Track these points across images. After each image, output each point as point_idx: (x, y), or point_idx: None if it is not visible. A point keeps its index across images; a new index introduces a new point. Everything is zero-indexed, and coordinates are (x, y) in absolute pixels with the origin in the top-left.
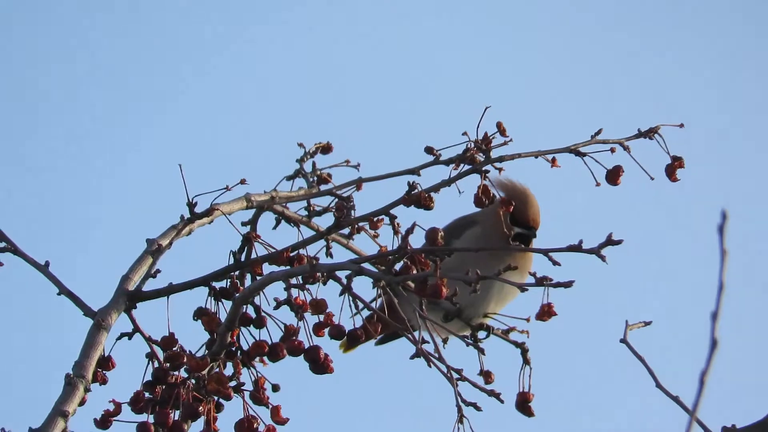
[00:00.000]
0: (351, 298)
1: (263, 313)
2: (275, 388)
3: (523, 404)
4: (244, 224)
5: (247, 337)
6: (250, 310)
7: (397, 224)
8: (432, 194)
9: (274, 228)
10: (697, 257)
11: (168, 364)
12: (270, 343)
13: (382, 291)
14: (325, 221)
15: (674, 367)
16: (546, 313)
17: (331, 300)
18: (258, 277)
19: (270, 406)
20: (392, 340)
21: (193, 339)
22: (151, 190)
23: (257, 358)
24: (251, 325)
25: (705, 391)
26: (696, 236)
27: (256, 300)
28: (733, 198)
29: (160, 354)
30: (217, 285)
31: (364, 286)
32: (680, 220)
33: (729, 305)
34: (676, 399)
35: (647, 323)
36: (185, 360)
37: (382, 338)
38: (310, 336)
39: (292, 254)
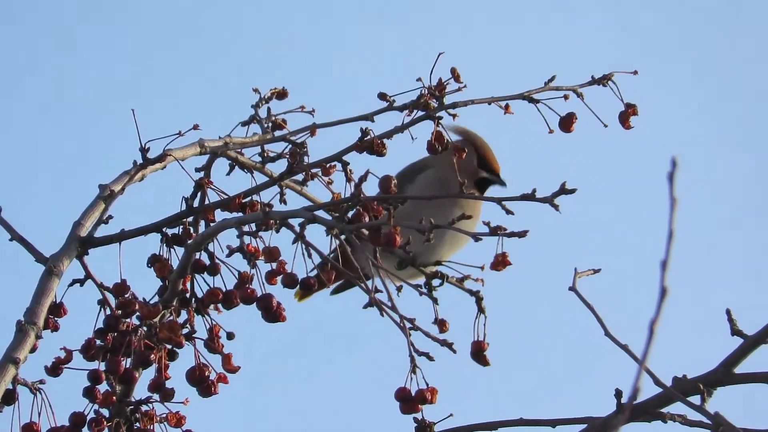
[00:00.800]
0: (304, 246)
1: (217, 260)
2: (230, 335)
3: (478, 353)
4: (197, 170)
5: (201, 285)
6: (204, 258)
7: (350, 171)
8: (385, 141)
9: (228, 174)
10: (648, 205)
11: (120, 312)
12: (224, 290)
13: (336, 239)
14: (280, 167)
15: (623, 315)
16: (501, 262)
17: (284, 248)
18: (211, 224)
19: (222, 355)
20: (348, 289)
21: (146, 286)
22: (103, 135)
23: (211, 306)
24: (205, 273)
25: (654, 339)
26: (647, 184)
27: (210, 247)
28: (684, 145)
29: (112, 301)
30: (170, 231)
31: (317, 234)
32: (632, 168)
33: (678, 253)
34: (625, 348)
35: (596, 271)
36: (137, 307)
37: (338, 287)
38: (263, 284)
39: (244, 200)
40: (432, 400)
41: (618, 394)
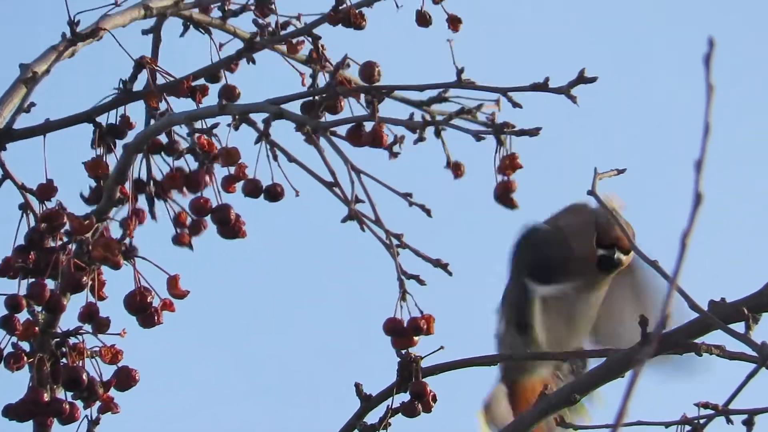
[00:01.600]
0: (269, 147)
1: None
2: (153, 214)
3: (505, 195)
4: (144, 33)
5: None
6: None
7: (322, 47)
8: (363, 10)
9: (182, 35)
10: (678, 95)
11: (44, 225)
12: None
13: (308, 138)
14: (244, 22)
15: (652, 225)
16: (509, 166)
17: (245, 149)
18: (155, 112)
19: (167, 277)
20: None
21: (75, 192)
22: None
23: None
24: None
25: (687, 254)
26: (679, 70)
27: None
28: (722, 25)
29: (37, 207)
30: (105, 122)
31: (285, 131)
32: (660, 52)
33: (716, 151)
34: (653, 264)
35: (620, 171)
36: (66, 220)
37: None
38: (219, 192)
39: (194, 84)
40: (429, 330)
41: (643, 321)
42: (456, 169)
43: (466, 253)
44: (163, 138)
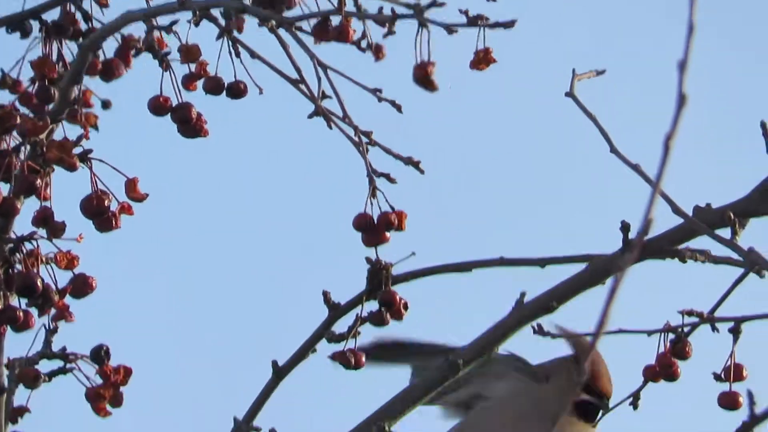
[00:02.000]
0: (231, 44)
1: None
2: (105, 104)
3: (424, 78)
4: None
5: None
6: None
7: None
8: None
9: None
10: None
11: None
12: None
13: (272, 34)
14: None
15: (634, 129)
16: (483, 60)
17: (206, 46)
18: (102, 9)
19: (125, 179)
20: None
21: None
22: None
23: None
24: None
25: (671, 157)
26: None
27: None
28: None
29: None
30: (50, 19)
31: (248, 28)
32: None
33: (701, 51)
34: (635, 167)
35: (600, 72)
36: (18, 121)
37: None
38: (179, 90)
39: None
40: (401, 226)
41: (625, 227)
42: (377, 51)
43: (439, 151)
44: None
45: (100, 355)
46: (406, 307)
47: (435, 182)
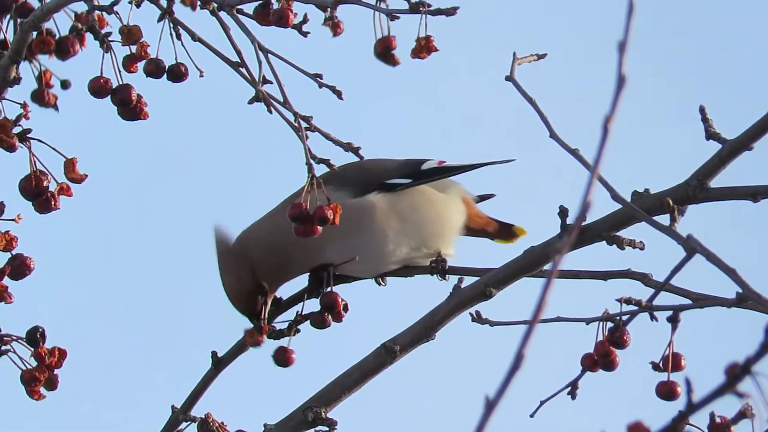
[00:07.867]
0: (172, 25)
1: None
2: (65, 83)
3: (386, 52)
4: None
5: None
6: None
7: None
8: None
9: None
10: None
11: None
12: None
13: (213, 16)
14: None
15: (573, 113)
16: (424, 47)
17: (148, 28)
18: None
19: (64, 159)
20: None
21: None
22: None
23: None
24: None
25: (610, 140)
26: None
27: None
28: None
29: None
30: None
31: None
32: None
33: (640, 33)
34: (573, 152)
35: (540, 56)
36: None
37: None
38: (119, 72)
39: None
40: (335, 221)
41: (563, 212)
42: (335, 27)
43: (378, 137)
44: None
45: (35, 337)
46: (346, 308)
47: None
